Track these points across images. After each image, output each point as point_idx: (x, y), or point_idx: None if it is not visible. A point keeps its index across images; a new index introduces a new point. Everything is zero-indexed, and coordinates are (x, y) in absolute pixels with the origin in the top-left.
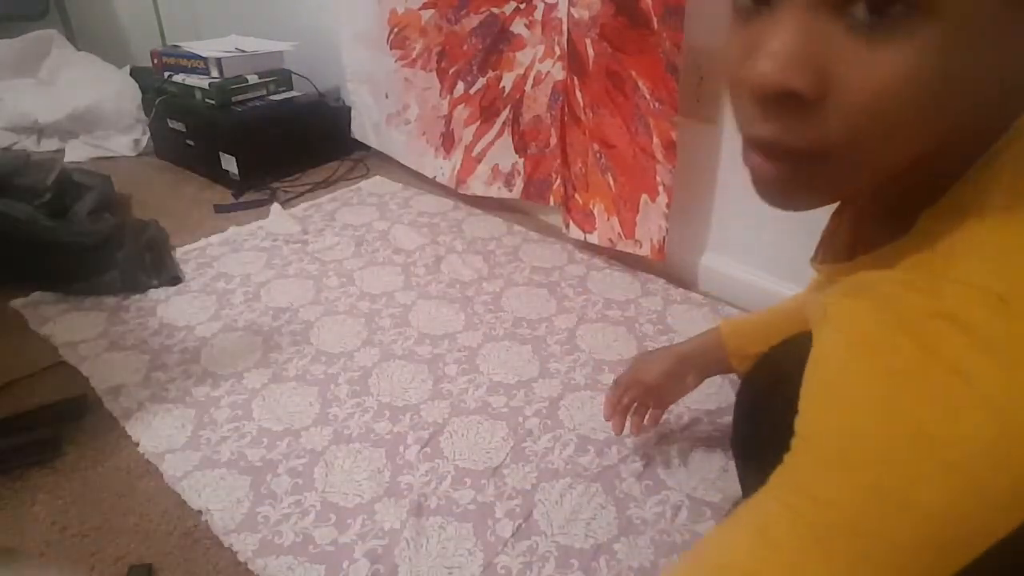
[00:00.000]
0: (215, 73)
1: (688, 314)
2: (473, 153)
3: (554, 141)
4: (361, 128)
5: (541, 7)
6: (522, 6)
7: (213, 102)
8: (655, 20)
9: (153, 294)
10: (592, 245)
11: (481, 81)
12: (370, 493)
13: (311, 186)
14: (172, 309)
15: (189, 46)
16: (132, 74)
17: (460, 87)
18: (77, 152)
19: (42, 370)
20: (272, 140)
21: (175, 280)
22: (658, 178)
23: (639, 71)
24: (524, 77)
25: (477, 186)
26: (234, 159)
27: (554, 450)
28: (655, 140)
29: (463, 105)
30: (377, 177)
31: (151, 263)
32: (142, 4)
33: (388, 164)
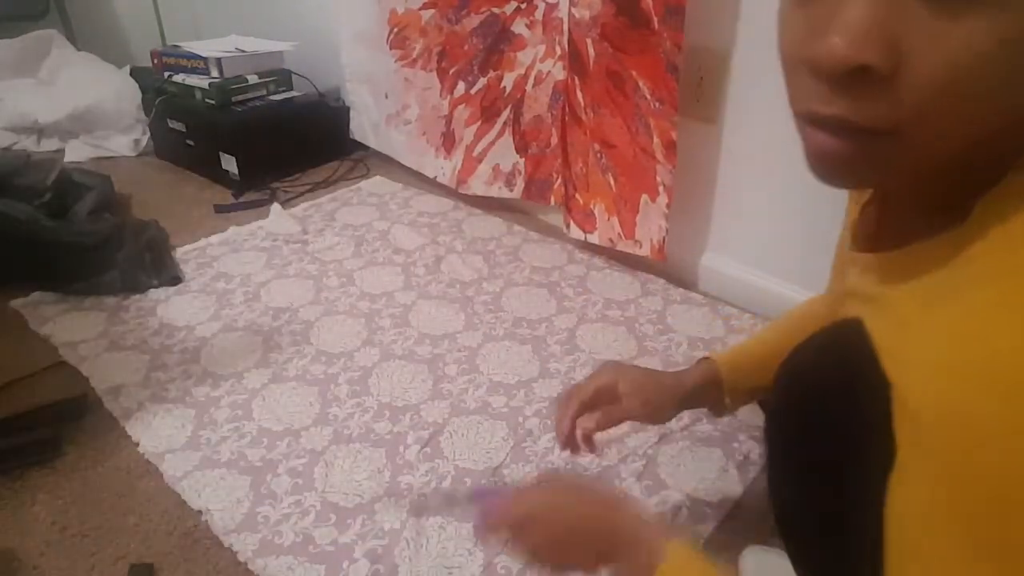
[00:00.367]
0: (215, 73)
1: (688, 314)
2: (474, 153)
3: (555, 141)
4: (360, 128)
5: (542, 7)
6: (523, 6)
7: (213, 102)
8: (655, 20)
9: (153, 294)
10: (592, 245)
11: (482, 81)
12: (370, 493)
13: (311, 186)
14: (172, 309)
15: (189, 46)
16: (132, 74)
17: (461, 87)
18: (77, 152)
19: (42, 370)
20: (272, 140)
21: (175, 280)
22: (658, 178)
23: (640, 71)
24: (525, 77)
25: (478, 186)
26: (234, 159)
27: (554, 450)
28: (655, 140)
29: (464, 105)
30: (377, 177)
31: (151, 263)
32: (142, 4)
33: (388, 164)
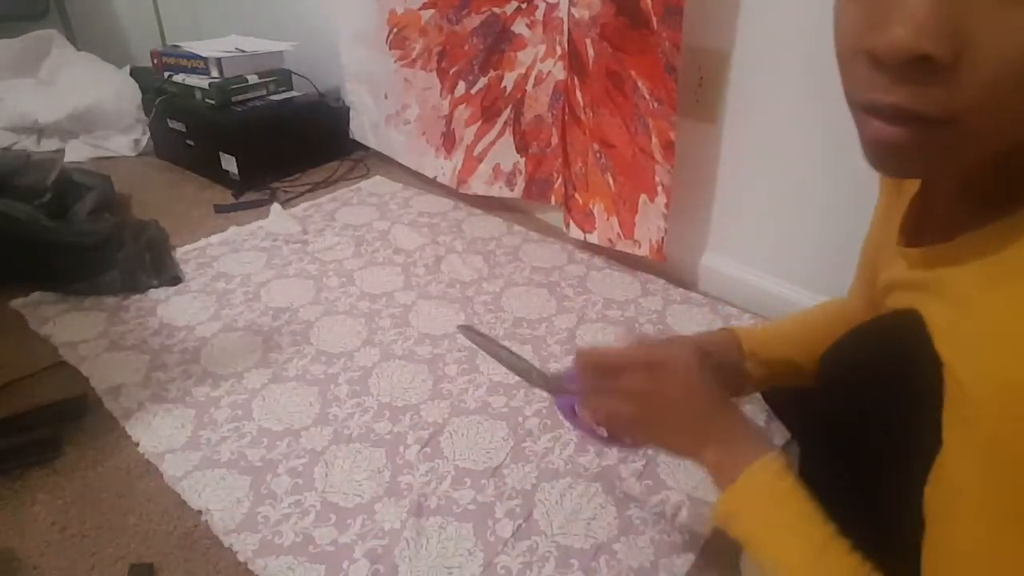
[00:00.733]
0: (215, 73)
1: (688, 314)
2: (474, 153)
3: (555, 141)
4: (360, 128)
5: (542, 7)
6: (523, 6)
7: (213, 102)
8: (655, 20)
9: (153, 294)
10: (592, 245)
11: (482, 81)
12: (370, 493)
13: (311, 186)
14: (172, 309)
15: (189, 46)
16: (132, 74)
17: (461, 87)
18: (77, 152)
19: (42, 370)
20: (272, 140)
21: (175, 280)
22: (657, 178)
23: (639, 71)
24: (525, 77)
25: (478, 186)
26: (234, 159)
27: (554, 450)
28: (654, 140)
29: (464, 105)
30: (377, 177)
31: (151, 263)
32: (142, 4)
33: (388, 164)
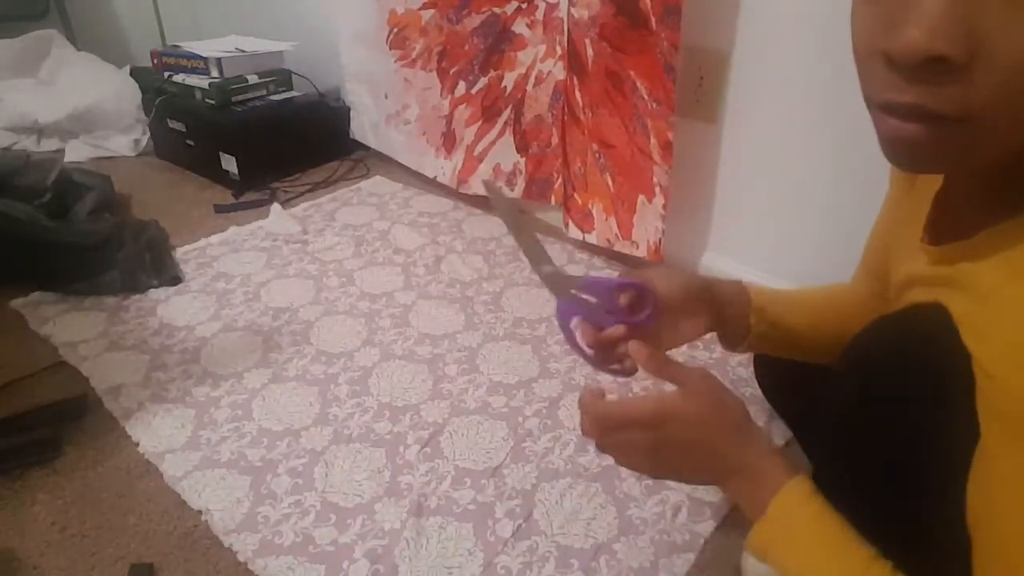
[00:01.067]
0: (215, 73)
1: None
2: (475, 153)
3: (555, 140)
4: (360, 128)
5: (542, 7)
6: (523, 6)
7: (213, 102)
8: (654, 20)
9: (153, 294)
10: (592, 245)
11: (482, 81)
12: (370, 493)
13: (311, 186)
14: (172, 309)
15: (189, 46)
16: (132, 74)
17: (461, 87)
18: (77, 152)
19: (42, 370)
20: (272, 140)
21: (175, 280)
22: (655, 179)
23: (638, 71)
24: (526, 77)
25: (478, 186)
26: (234, 159)
27: (554, 450)
28: (652, 141)
29: (464, 105)
30: (377, 177)
31: (151, 263)
32: (142, 4)
33: (388, 164)
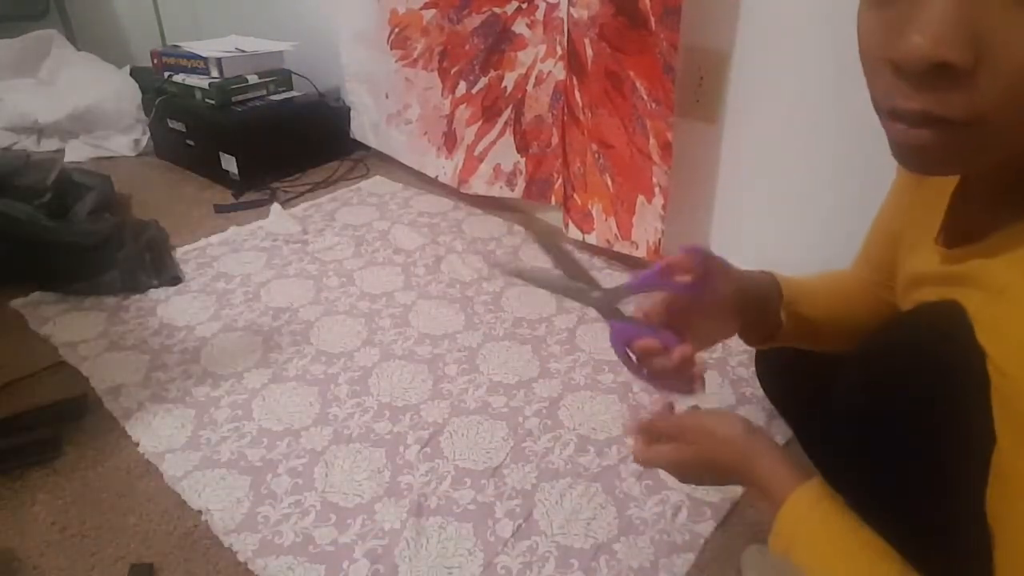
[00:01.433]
0: (215, 73)
1: None
2: (475, 153)
3: (555, 141)
4: (361, 128)
5: (543, 7)
6: (524, 6)
7: (213, 102)
8: (653, 20)
9: (153, 294)
10: (592, 245)
11: (483, 81)
12: (370, 493)
13: (311, 186)
14: (172, 309)
15: (189, 46)
16: (132, 74)
17: (462, 87)
18: (77, 152)
19: (42, 370)
20: (272, 140)
21: (175, 280)
22: (654, 179)
23: (637, 71)
24: (526, 77)
25: (479, 186)
26: (234, 159)
27: (554, 450)
28: (652, 141)
29: (465, 105)
30: (377, 177)
31: (151, 263)
32: (142, 4)
33: (388, 164)
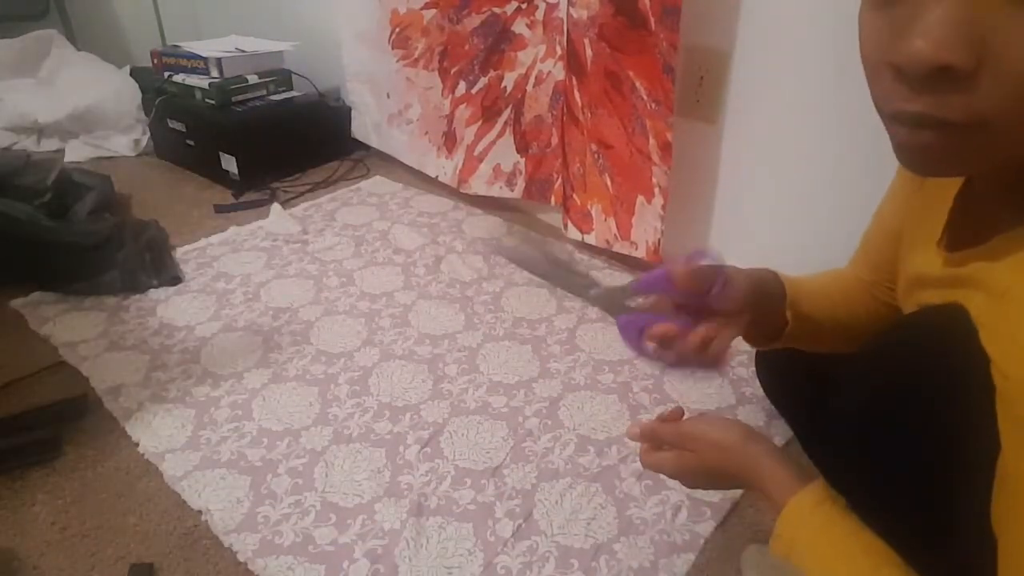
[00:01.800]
0: (215, 73)
1: None
2: (475, 153)
3: (555, 141)
4: (362, 128)
5: (542, 7)
6: (524, 6)
7: (213, 102)
8: (653, 20)
9: (153, 294)
10: (592, 245)
11: (483, 81)
12: (370, 493)
13: (311, 186)
14: (172, 309)
15: (189, 46)
16: (132, 74)
17: (462, 87)
18: (77, 152)
19: (42, 370)
20: (272, 140)
21: (175, 280)
22: (654, 180)
23: (637, 71)
24: (525, 77)
25: (479, 186)
26: (234, 159)
27: (554, 450)
28: (651, 141)
29: (465, 105)
30: (377, 177)
31: (151, 263)
32: (142, 4)
33: (388, 164)
